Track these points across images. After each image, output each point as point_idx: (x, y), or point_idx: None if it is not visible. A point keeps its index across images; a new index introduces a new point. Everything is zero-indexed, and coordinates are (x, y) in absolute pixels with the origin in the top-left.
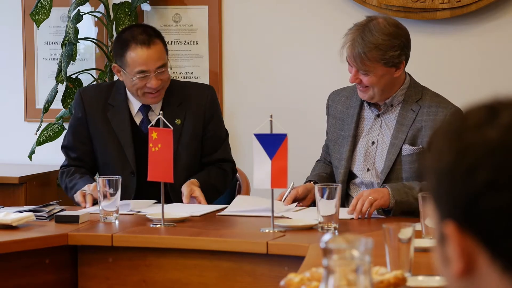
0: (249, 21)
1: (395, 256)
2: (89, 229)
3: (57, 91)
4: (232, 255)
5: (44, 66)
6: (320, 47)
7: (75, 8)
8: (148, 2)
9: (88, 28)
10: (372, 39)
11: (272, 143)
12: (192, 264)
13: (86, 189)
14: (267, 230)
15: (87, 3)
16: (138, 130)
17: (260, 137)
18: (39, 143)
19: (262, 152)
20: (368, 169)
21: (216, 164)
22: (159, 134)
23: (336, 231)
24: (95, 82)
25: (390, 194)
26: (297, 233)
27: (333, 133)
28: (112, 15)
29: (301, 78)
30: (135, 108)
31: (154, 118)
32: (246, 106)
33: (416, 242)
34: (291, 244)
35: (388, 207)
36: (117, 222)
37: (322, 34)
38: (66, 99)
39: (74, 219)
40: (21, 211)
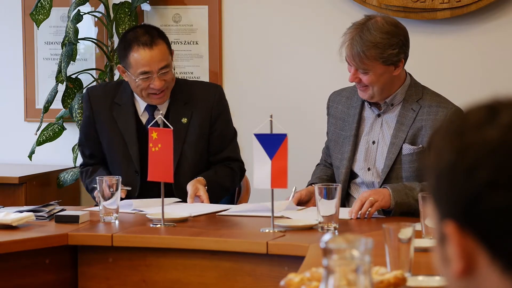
0: (249, 21)
1: (395, 256)
2: (89, 229)
3: (57, 91)
4: (232, 255)
5: (44, 66)
6: (320, 47)
7: (75, 8)
8: (148, 2)
9: (88, 28)
10: (371, 37)
11: (272, 143)
12: (192, 264)
13: None
14: (267, 230)
15: (87, 3)
16: (143, 129)
17: (260, 137)
18: (39, 143)
19: (262, 152)
20: (369, 169)
21: (224, 163)
22: (159, 134)
23: (336, 231)
24: (94, 82)
25: (390, 195)
26: (297, 233)
27: (334, 133)
28: (112, 15)
29: (301, 78)
30: (142, 107)
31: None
32: (246, 106)
33: (416, 242)
34: (291, 244)
35: (389, 208)
36: (117, 222)
37: (322, 34)
38: (66, 99)
39: (74, 219)
40: (21, 211)
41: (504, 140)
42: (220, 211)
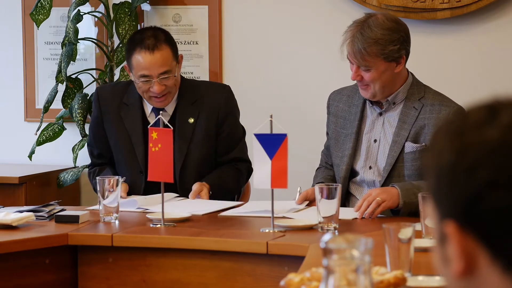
0: (249, 21)
1: (395, 256)
2: (89, 229)
3: (57, 91)
4: (232, 255)
5: (44, 66)
6: (320, 47)
7: (75, 8)
8: (148, 2)
9: (88, 28)
10: (372, 34)
11: (272, 143)
12: (192, 264)
13: None
14: (267, 230)
15: (87, 3)
16: None
17: (260, 137)
18: (39, 143)
19: (262, 152)
20: (370, 167)
21: (231, 163)
22: (159, 134)
23: (336, 231)
24: (94, 83)
25: (399, 194)
26: (297, 233)
27: (334, 131)
28: (112, 15)
29: (301, 78)
30: (149, 108)
31: (167, 118)
32: (246, 106)
33: (416, 242)
34: (291, 244)
35: (396, 208)
36: (117, 222)
37: (322, 34)
38: (66, 99)
39: (74, 219)
40: (21, 211)
41: (504, 140)
42: (222, 210)
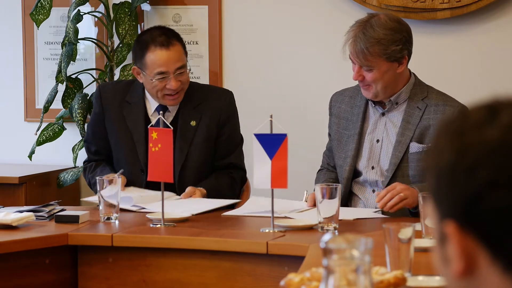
0: (249, 21)
1: (395, 256)
2: (89, 229)
3: (57, 91)
4: (232, 255)
5: (44, 66)
6: (320, 47)
7: (75, 8)
8: (148, 2)
9: (88, 28)
10: (374, 34)
11: (272, 143)
12: (192, 264)
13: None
14: (267, 230)
15: (87, 3)
16: None
17: (260, 137)
18: (39, 143)
19: (262, 152)
20: (372, 167)
21: (227, 170)
22: (159, 134)
23: (336, 231)
24: (94, 83)
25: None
26: (297, 233)
27: (337, 132)
28: (112, 15)
29: (301, 78)
30: (152, 107)
31: (170, 119)
32: (246, 106)
33: (416, 242)
34: (291, 244)
35: (414, 209)
36: (117, 222)
37: (322, 34)
38: (66, 99)
39: (74, 219)
40: (21, 211)
41: (504, 140)
42: (220, 209)
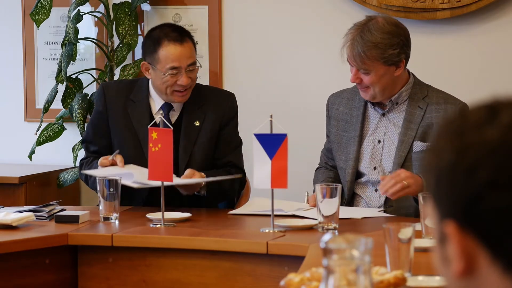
0: (249, 21)
1: (395, 256)
2: (89, 229)
3: (57, 91)
4: (232, 255)
5: (44, 66)
6: (320, 47)
7: (75, 8)
8: (148, 2)
9: (88, 28)
10: (371, 38)
11: (272, 143)
12: (192, 264)
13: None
14: (267, 230)
15: (87, 3)
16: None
17: (260, 137)
18: (39, 143)
19: (262, 152)
20: (375, 168)
21: (226, 168)
22: (159, 134)
23: (336, 231)
24: (94, 83)
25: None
26: (297, 233)
27: (336, 134)
28: (112, 15)
29: (301, 78)
30: (157, 106)
31: (175, 117)
32: (246, 106)
33: (416, 242)
34: (291, 244)
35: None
36: (117, 222)
37: (322, 34)
38: (66, 99)
39: (74, 219)
40: (21, 211)
41: (504, 140)
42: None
